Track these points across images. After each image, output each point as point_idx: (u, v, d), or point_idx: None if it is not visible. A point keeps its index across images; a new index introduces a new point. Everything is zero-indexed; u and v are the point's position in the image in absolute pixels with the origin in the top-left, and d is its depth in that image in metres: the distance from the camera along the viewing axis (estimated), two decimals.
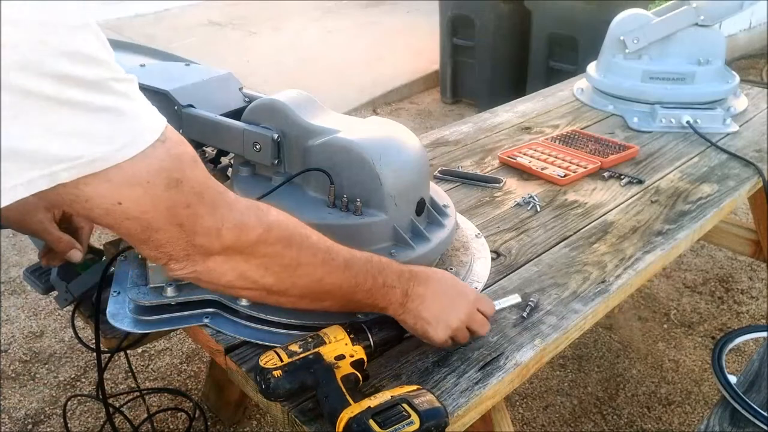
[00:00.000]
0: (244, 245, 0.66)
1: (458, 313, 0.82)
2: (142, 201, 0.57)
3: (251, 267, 0.68)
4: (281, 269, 0.70)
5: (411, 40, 4.96)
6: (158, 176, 0.57)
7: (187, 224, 0.61)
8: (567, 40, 3.16)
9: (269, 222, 0.68)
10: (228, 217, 0.64)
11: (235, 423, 1.70)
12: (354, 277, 0.76)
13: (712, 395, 1.78)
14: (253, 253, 0.67)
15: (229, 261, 0.66)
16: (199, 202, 0.61)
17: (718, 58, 1.77)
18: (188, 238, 0.62)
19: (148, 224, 0.59)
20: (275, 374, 0.72)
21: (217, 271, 0.67)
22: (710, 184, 1.37)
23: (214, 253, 0.65)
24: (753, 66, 4.59)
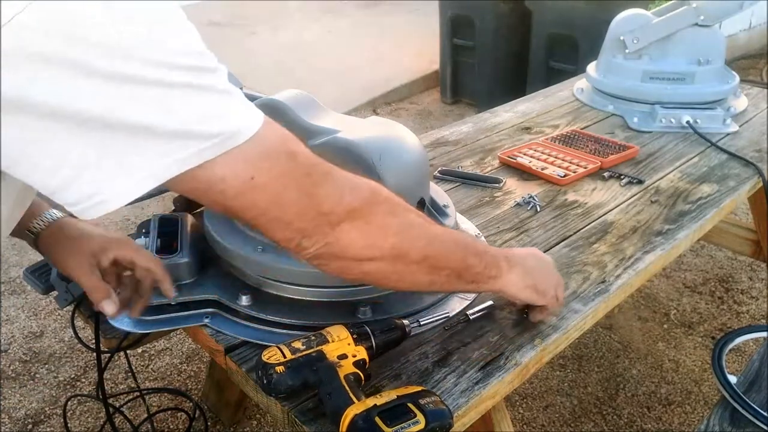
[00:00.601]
0: (363, 206, 0.68)
1: (553, 281, 0.89)
2: (273, 172, 0.61)
3: (373, 229, 0.69)
4: (398, 228, 0.72)
5: (411, 40, 4.96)
6: (279, 149, 0.62)
7: (312, 191, 0.64)
8: (567, 40, 3.16)
9: (374, 186, 0.71)
10: (343, 182, 0.67)
11: (235, 423, 1.70)
12: (458, 241, 0.79)
13: (712, 395, 1.78)
14: (371, 213, 0.69)
15: (354, 227, 0.68)
16: (316, 171, 0.65)
17: (718, 58, 1.77)
18: (316, 207, 0.64)
19: (278, 197, 0.62)
20: (278, 370, 0.72)
21: (346, 240, 0.68)
22: (710, 184, 1.37)
23: (341, 219, 0.66)
24: (753, 66, 4.59)
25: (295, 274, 0.89)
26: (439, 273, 0.77)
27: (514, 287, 0.84)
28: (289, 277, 0.90)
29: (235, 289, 0.91)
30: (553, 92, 2.00)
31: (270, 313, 0.88)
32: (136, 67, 0.50)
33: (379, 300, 0.92)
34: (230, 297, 0.90)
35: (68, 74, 0.47)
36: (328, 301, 0.91)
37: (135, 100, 0.51)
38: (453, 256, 0.77)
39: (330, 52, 4.82)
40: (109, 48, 0.48)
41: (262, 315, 0.88)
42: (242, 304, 0.89)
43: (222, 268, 0.97)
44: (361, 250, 0.69)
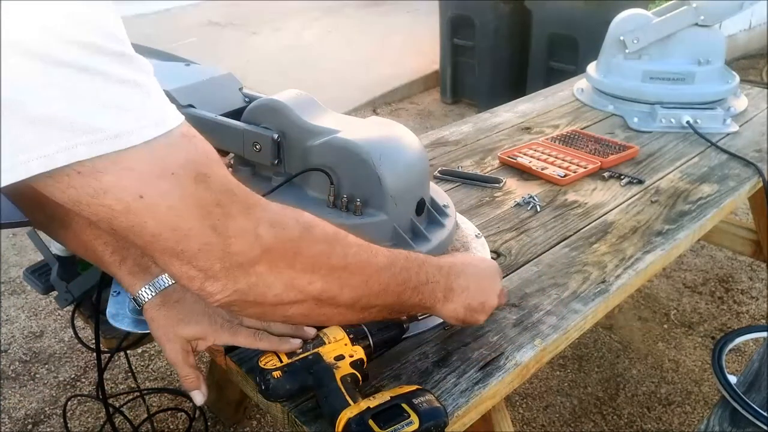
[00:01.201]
0: (287, 246, 0.59)
1: (495, 292, 0.85)
2: (169, 195, 0.50)
3: (297, 273, 0.61)
4: (329, 271, 0.63)
5: (411, 40, 4.96)
6: (185, 168, 0.51)
7: (221, 226, 0.54)
8: (567, 40, 3.16)
9: (307, 220, 0.62)
10: (263, 215, 0.58)
11: (235, 423, 1.70)
12: (399, 274, 0.71)
13: (712, 395, 1.78)
14: (297, 254, 0.60)
15: (273, 269, 0.59)
16: (231, 200, 0.55)
17: (718, 58, 1.77)
18: (224, 244, 0.54)
19: (176, 226, 0.52)
20: (275, 375, 0.72)
21: (263, 284, 0.59)
22: (710, 184, 1.37)
23: (255, 260, 0.57)
24: (753, 66, 4.59)
25: None
26: (370, 311, 0.72)
27: (451, 315, 0.80)
28: None
29: None
30: (553, 92, 2.00)
31: None
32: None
33: None
34: None
35: None
36: None
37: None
38: (388, 294, 0.71)
39: (330, 52, 4.82)
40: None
41: None
42: None
43: None
44: (282, 293, 0.61)
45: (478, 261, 0.89)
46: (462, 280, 0.80)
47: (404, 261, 0.73)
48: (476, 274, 0.83)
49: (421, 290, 0.75)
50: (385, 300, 0.71)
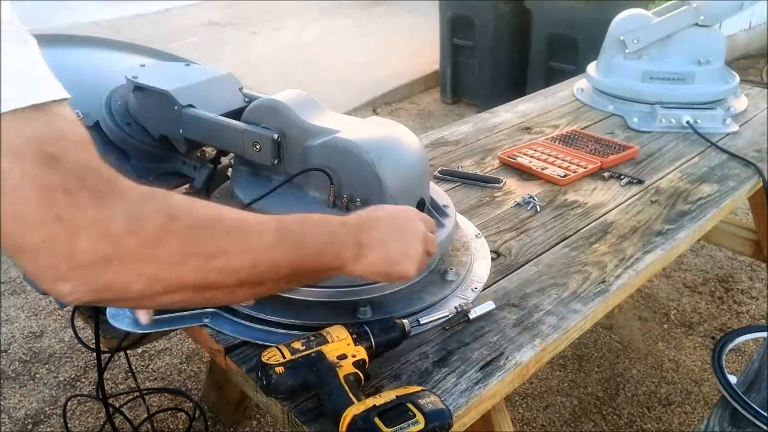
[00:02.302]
0: (146, 241, 0.53)
1: (418, 239, 0.78)
2: (9, 174, 0.46)
3: (162, 266, 0.55)
4: (202, 261, 0.58)
5: (411, 40, 4.96)
6: (29, 145, 0.47)
7: (66, 216, 0.48)
8: (567, 40, 3.16)
9: (172, 209, 0.56)
10: (118, 207, 0.51)
11: (235, 423, 1.70)
12: (292, 245, 0.66)
13: (712, 395, 1.78)
14: (159, 247, 0.54)
15: (131, 267, 0.53)
16: (80, 187, 0.49)
17: (718, 58, 1.77)
18: (69, 239, 0.49)
19: (16, 211, 0.47)
20: (277, 370, 0.72)
21: (122, 282, 0.53)
22: (710, 184, 1.37)
23: (107, 258, 0.51)
24: (753, 66, 4.59)
25: None
26: (264, 285, 0.67)
27: (367, 271, 0.75)
28: None
29: None
30: (553, 92, 2.00)
31: (270, 313, 0.88)
32: None
33: (379, 300, 0.92)
34: None
35: None
36: (328, 301, 0.91)
37: None
38: (281, 268, 0.65)
39: (330, 52, 4.82)
40: None
41: (261, 315, 0.88)
42: (242, 304, 0.89)
43: None
44: (146, 288, 0.55)
45: (393, 210, 0.81)
46: (375, 232, 0.75)
47: (299, 229, 0.68)
48: (391, 224, 0.77)
49: (323, 254, 0.70)
50: (278, 274, 0.66)
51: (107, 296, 0.54)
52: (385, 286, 0.93)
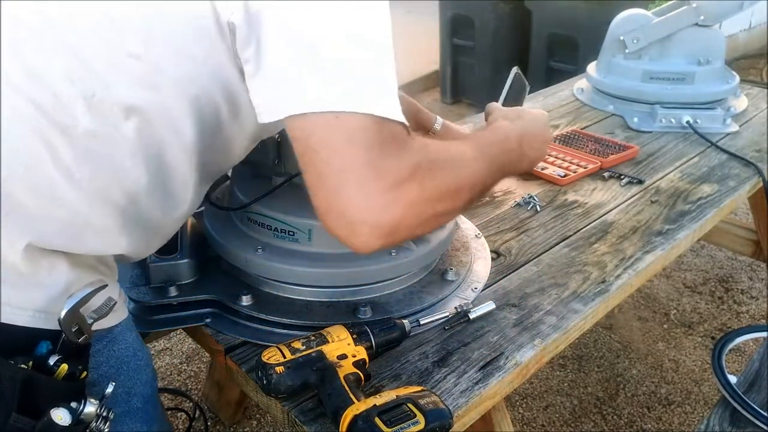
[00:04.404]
0: (421, 186, 0.63)
1: (548, 132, 0.93)
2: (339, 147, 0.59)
3: (426, 204, 0.65)
4: (448, 196, 0.67)
5: (411, 40, 4.95)
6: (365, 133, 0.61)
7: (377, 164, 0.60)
8: (567, 40, 3.16)
9: (432, 156, 0.66)
10: (407, 157, 0.63)
11: (235, 423, 1.70)
12: (496, 169, 0.77)
13: (712, 395, 1.78)
14: (425, 190, 0.64)
15: (414, 206, 0.63)
16: (388, 141, 0.62)
17: (718, 58, 1.77)
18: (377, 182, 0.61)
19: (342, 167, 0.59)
20: (277, 370, 0.72)
21: (407, 220, 0.63)
22: (710, 184, 1.37)
23: (398, 199, 0.61)
24: (753, 66, 4.59)
25: (295, 274, 0.89)
26: (475, 200, 0.75)
27: (528, 168, 0.89)
28: (289, 277, 0.90)
29: (235, 289, 0.91)
30: (553, 92, 2.00)
31: (270, 313, 0.88)
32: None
33: (379, 300, 0.92)
34: (230, 297, 0.90)
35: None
36: (328, 301, 0.91)
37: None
38: (489, 184, 0.76)
39: None
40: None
41: (262, 315, 0.88)
42: (242, 304, 0.89)
43: (222, 268, 0.97)
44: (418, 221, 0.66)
45: (531, 115, 0.92)
46: (528, 137, 0.86)
47: (496, 153, 0.78)
48: (533, 126, 0.89)
49: (511, 170, 0.83)
50: (490, 184, 0.77)
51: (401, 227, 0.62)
52: (386, 286, 0.93)
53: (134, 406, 0.82)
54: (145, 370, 0.83)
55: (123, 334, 0.79)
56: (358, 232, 0.61)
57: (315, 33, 0.58)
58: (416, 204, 0.62)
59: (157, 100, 0.64)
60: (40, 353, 0.64)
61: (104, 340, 0.77)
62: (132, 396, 0.81)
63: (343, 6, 0.59)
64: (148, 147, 0.66)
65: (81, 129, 0.61)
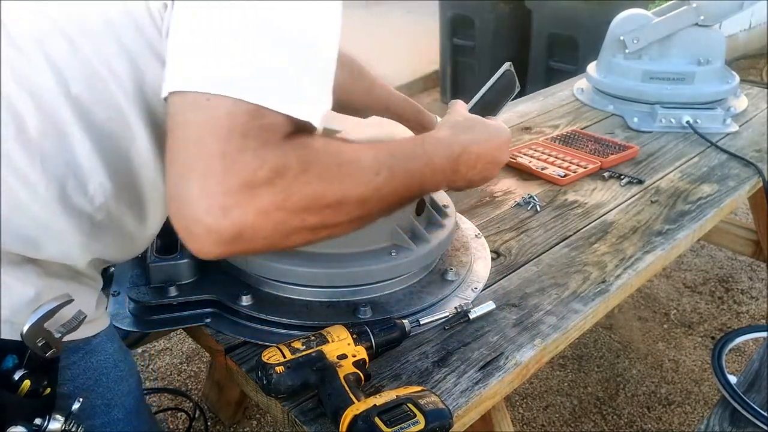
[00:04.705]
0: (281, 189, 0.56)
1: (502, 153, 0.83)
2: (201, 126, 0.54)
3: (288, 213, 0.57)
4: (322, 208, 0.59)
5: (411, 40, 4.96)
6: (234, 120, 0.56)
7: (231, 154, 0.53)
8: (567, 40, 3.16)
9: (308, 158, 0.57)
10: (268, 155, 0.55)
11: (235, 423, 1.70)
12: (401, 182, 0.66)
13: (712, 395, 1.78)
14: (290, 197, 0.57)
15: (265, 213, 0.56)
16: (246, 135, 0.55)
17: (718, 58, 1.77)
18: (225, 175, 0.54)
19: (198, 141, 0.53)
20: (277, 370, 0.72)
21: (253, 226, 0.56)
22: (710, 184, 1.37)
23: (247, 202, 0.54)
24: (753, 66, 4.59)
25: (295, 274, 0.89)
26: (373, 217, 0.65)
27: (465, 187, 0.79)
28: (289, 277, 0.90)
29: (235, 289, 0.91)
30: (553, 92, 2.00)
31: (270, 313, 0.88)
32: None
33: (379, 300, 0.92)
34: (230, 297, 0.90)
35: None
36: (328, 301, 0.91)
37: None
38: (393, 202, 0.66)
39: None
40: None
41: (262, 315, 0.88)
42: (242, 304, 0.89)
43: (222, 268, 0.97)
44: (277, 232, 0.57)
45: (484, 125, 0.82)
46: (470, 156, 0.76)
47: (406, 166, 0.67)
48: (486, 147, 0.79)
49: (425, 185, 0.71)
50: (386, 204, 0.66)
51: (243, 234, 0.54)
52: (386, 286, 0.93)
53: (115, 417, 0.80)
54: (127, 380, 0.81)
55: (102, 345, 0.77)
56: (192, 233, 0.54)
57: (215, 16, 0.54)
58: (273, 212, 0.54)
59: (102, 96, 0.62)
60: (5, 367, 0.61)
61: (81, 352, 0.74)
62: (112, 407, 0.79)
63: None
64: (104, 148, 0.64)
65: (32, 130, 0.60)
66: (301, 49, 0.56)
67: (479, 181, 0.81)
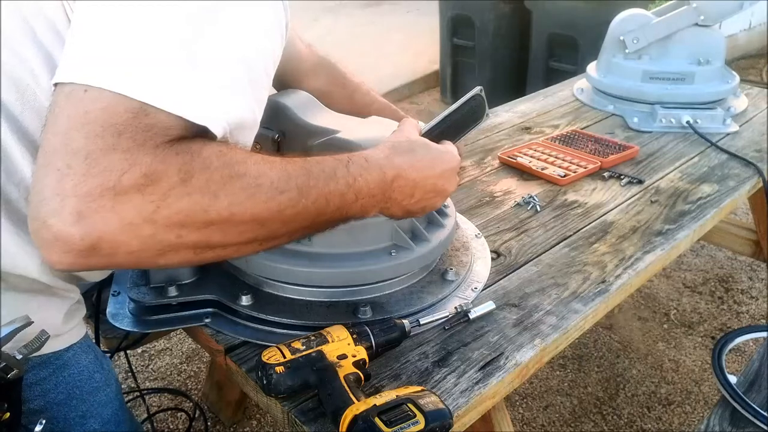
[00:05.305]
0: (152, 197, 0.50)
1: (447, 182, 0.76)
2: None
3: (160, 228, 0.51)
4: (203, 225, 0.52)
5: (411, 40, 4.96)
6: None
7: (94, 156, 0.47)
8: (567, 40, 3.16)
9: (191, 168, 0.51)
10: (143, 159, 0.49)
11: (235, 423, 1.70)
12: (313, 203, 0.59)
13: (712, 395, 1.78)
14: (163, 207, 0.51)
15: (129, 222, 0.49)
16: (120, 134, 0.49)
17: (718, 58, 1.77)
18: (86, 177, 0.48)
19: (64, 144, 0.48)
20: (277, 370, 0.72)
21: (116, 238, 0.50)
22: (710, 184, 1.37)
23: (111, 207, 0.48)
24: (753, 66, 4.59)
25: (295, 274, 0.89)
26: (277, 240, 0.60)
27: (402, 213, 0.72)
28: (289, 277, 0.90)
29: (235, 289, 0.91)
30: (553, 92, 2.00)
31: (270, 313, 0.88)
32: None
33: (380, 300, 0.92)
34: (230, 297, 0.90)
35: None
36: (328, 301, 0.91)
37: None
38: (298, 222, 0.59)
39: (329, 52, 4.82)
40: None
41: (262, 315, 0.88)
42: (242, 304, 0.89)
43: (222, 268, 0.97)
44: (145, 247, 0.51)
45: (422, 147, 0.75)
46: (403, 182, 0.70)
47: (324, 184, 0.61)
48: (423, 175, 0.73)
49: (344, 210, 0.64)
50: (293, 228, 0.60)
51: (100, 247, 0.49)
52: (386, 286, 0.93)
53: (90, 428, 0.78)
54: (103, 391, 0.79)
55: (76, 358, 0.74)
56: (40, 237, 0.47)
57: (110, 12, 0.51)
58: (140, 224, 0.47)
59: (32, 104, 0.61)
60: None
61: (51, 367, 0.71)
62: (88, 418, 0.78)
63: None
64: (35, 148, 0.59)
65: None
66: (206, 51, 0.51)
67: (418, 212, 0.74)
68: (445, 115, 0.88)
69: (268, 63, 0.58)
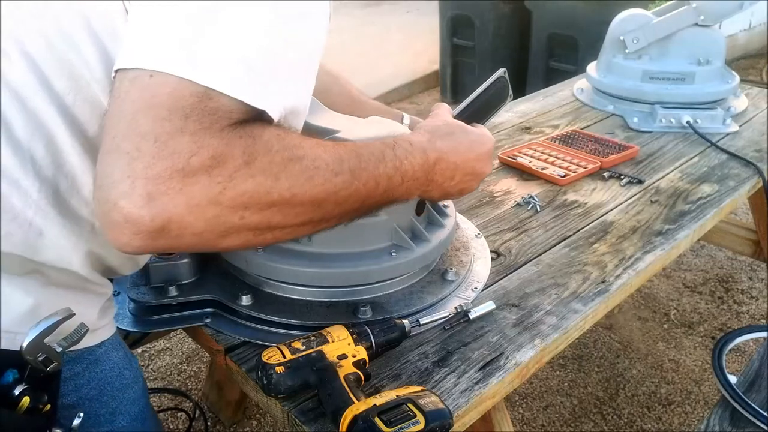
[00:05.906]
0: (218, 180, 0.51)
1: (485, 165, 0.80)
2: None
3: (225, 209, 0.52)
4: (265, 206, 0.54)
5: (411, 40, 4.96)
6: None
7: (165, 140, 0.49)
8: (567, 40, 3.16)
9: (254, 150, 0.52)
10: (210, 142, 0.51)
11: (235, 423, 1.70)
12: (364, 185, 0.61)
13: (712, 395, 1.78)
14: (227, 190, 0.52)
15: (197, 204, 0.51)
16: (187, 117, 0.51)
17: (718, 58, 1.77)
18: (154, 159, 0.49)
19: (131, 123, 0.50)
20: (277, 370, 0.72)
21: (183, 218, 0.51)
22: (710, 184, 1.37)
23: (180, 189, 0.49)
24: (753, 66, 4.59)
25: (295, 274, 0.89)
26: (329, 222, 0.62)
27: (441, 195, 0.75)
28: (289, 277, 0.90)
29: (235, 289, 0.91)
30: (553, 92, 2.00)
31: (270, 313, 0.88)
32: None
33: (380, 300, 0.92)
34: (230, 297, 0.90)
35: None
36: (328, 301, 0.91)
37: None
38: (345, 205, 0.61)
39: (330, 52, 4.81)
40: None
41: (262, 315, 0.88)
42: (242, 304, 0.89)
43: (222, 268, 0.97)
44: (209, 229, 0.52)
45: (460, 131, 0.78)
46: (443, 167, 0.73)
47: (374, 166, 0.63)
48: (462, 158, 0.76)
49: (390, 193, 0.66)
50: (345, 209, 0.62)
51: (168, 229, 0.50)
52: (386, 286, 0.93)
53: (119, 425, 0.79)
54: (132, 388, 0.80)
55: (107, 355, 0.76)
56: (110, 219, 0.48)
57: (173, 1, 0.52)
58: (207, 205, 0.49)
59: (85, 94, 0.60)
60: (5, 382, 0.59)
61: (84, 362, 0.72)
62: (117, 416, 0.79)
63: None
64: (93, 148, 0.61)
65: (19, 131, 0.58)
66: (268, 38, 0.53)
67: (456, 194, 0.76)
68: (473, 98, 0.92)
69: (318, 49, 0.61)
